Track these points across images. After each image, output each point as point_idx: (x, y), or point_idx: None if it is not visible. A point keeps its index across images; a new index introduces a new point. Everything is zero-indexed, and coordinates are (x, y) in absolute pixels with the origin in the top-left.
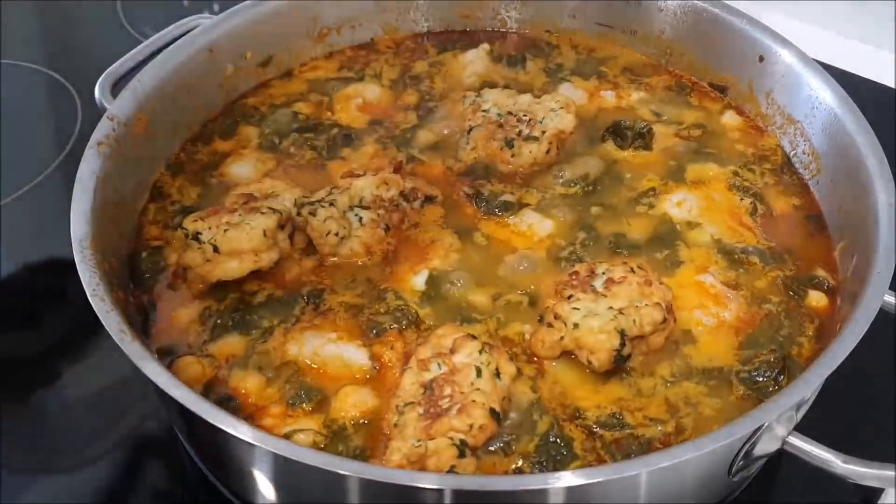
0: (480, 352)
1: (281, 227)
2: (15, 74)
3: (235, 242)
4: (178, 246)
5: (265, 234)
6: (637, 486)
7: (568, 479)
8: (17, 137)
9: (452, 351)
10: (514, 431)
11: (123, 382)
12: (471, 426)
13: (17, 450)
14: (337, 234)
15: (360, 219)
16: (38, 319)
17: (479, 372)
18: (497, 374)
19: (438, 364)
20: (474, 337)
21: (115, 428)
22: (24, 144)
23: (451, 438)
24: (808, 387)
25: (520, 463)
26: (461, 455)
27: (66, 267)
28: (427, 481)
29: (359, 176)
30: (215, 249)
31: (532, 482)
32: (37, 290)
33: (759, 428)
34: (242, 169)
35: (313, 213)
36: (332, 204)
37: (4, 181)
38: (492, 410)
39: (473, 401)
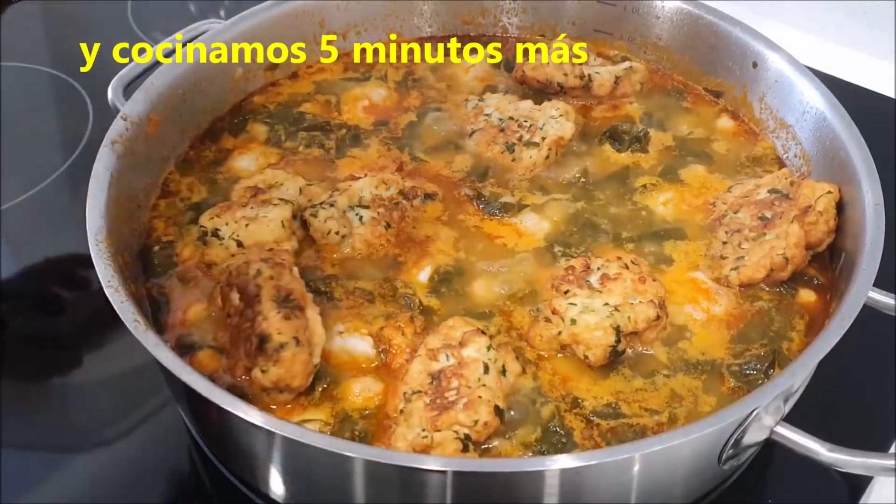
0: (489, 348)
1: (293, 216)
2: (27, 77)
3: (258, 235)
4: (189, 241)
5: (283, 225)
6: (630, 469)
7: (563, 461)
8: (29, 139)
9: (461, 344)
10: (518, 420)
11: (140, 371)
12: (476, 421)
13: (38, 429)
14: (338, 233)
15: (361, 217)
16: (62, 307)
17: (486, 368)
18: (503, 371)
19: (447, 355)
20: (483, 332)
21: (133, 413)
22: (37, 145)
23: (456, 432)
24: (794, 376)
25: (525, 454)
26: (465, 449)
27: (88, 261)
28: (430, 463)
29: (358, 178)
30: (239, 244)
31: (529, 465)
32: (60, 281)
33: (748, 416)
34: (245, 162)
35: (314, 215)
36: (332, 205)
37: (17, 181)
38: (496, 408)
39: (479, 396)
